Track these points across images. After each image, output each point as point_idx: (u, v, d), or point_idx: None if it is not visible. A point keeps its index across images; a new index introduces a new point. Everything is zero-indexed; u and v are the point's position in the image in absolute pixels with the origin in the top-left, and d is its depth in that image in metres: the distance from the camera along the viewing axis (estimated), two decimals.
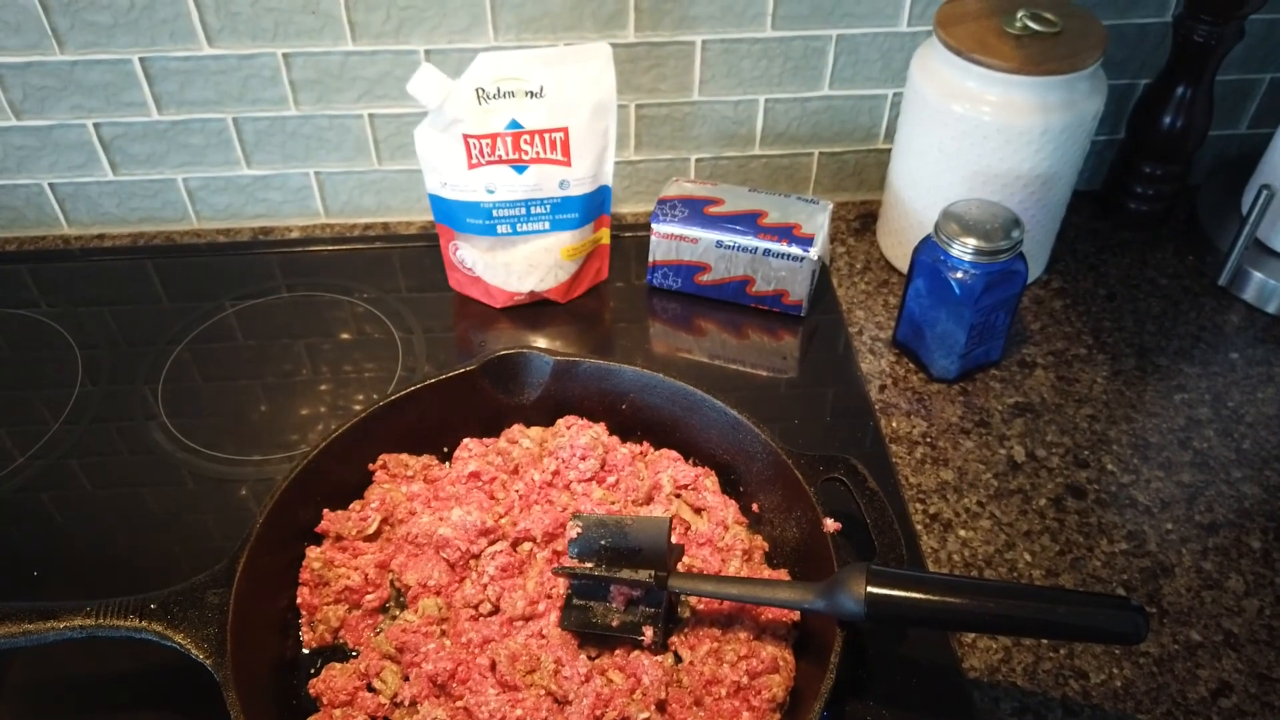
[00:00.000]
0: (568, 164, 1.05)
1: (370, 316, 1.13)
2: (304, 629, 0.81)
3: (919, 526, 0.91)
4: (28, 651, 0.80)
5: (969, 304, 0.96)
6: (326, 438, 0.85)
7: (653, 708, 0.72)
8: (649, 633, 0.77)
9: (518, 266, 1.08)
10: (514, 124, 1.02)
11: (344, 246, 1.23)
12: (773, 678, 0.75)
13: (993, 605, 0.69)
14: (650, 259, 1.12)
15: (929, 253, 0.98)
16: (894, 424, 1.00)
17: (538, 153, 1.04)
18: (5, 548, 0.90)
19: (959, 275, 0.96)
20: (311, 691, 0.75)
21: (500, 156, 1.03)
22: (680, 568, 0.83)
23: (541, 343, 1.09)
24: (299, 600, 0.81)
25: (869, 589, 0.70)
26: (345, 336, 1.11)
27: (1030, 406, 1.02)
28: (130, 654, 0.77)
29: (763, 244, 1.06)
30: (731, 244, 1.07)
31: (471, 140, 1.02)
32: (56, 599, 0.73)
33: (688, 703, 0.74)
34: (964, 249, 0.94)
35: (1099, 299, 1.14)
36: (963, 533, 0.91)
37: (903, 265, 1.15)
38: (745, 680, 0.75)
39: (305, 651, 0.80)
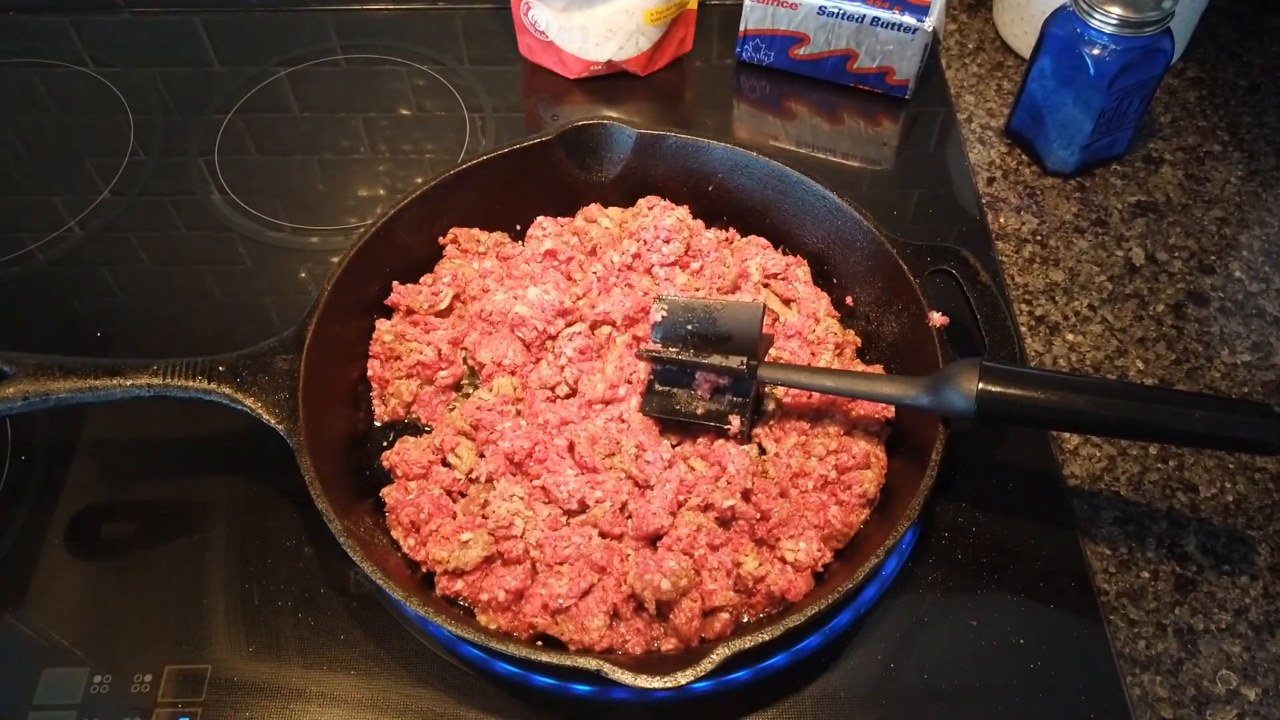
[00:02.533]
0: None
1: (432, 89, 1.05)
2: (375, 403, 0.78)
3: (1024, 328, 0.85)
4: (99, 410, 0.79)
5: (1102, 85, 0.86)
6: (395, 205, 0.79)
7: (737, 496, 0.69)
8: (736, 421, 0.73)
9: (595, 31, 0.98)
10: None
11: (403, 6, 1.13)
12: (864, 473, 0.71)
13: (1120, 407, 0.63)
14: (741, 28, 1.01)
15: (1063, 25, 0.87)
16: (1001, 220, 0.92)
17: None
18: (65, 312, 0.87)
19: (1096, 51, 0.85)
20: (385, 463, 0.73)
21: None
22: (768, 360, 0.78)
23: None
24: (370, 373, 0.78)
25: (982, 385, 0.64)
26: (405, 112, 1.04)
27: (1154, 206, 0.93)
28: (200, 418, 0.75)
29: (871, 11, 0.94)
30: (835, 10, 0.95)
31: None
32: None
33: (773, 494, 0.70)
34: (1106, 19, 0.83)
35: (1240, 91, 1.02)
36: (1071, 336, 0.84)
37: (1021, 47, 1.04)
38: (834, 475, 0.71)
39: (377, 425, 0.78)
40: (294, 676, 0.67)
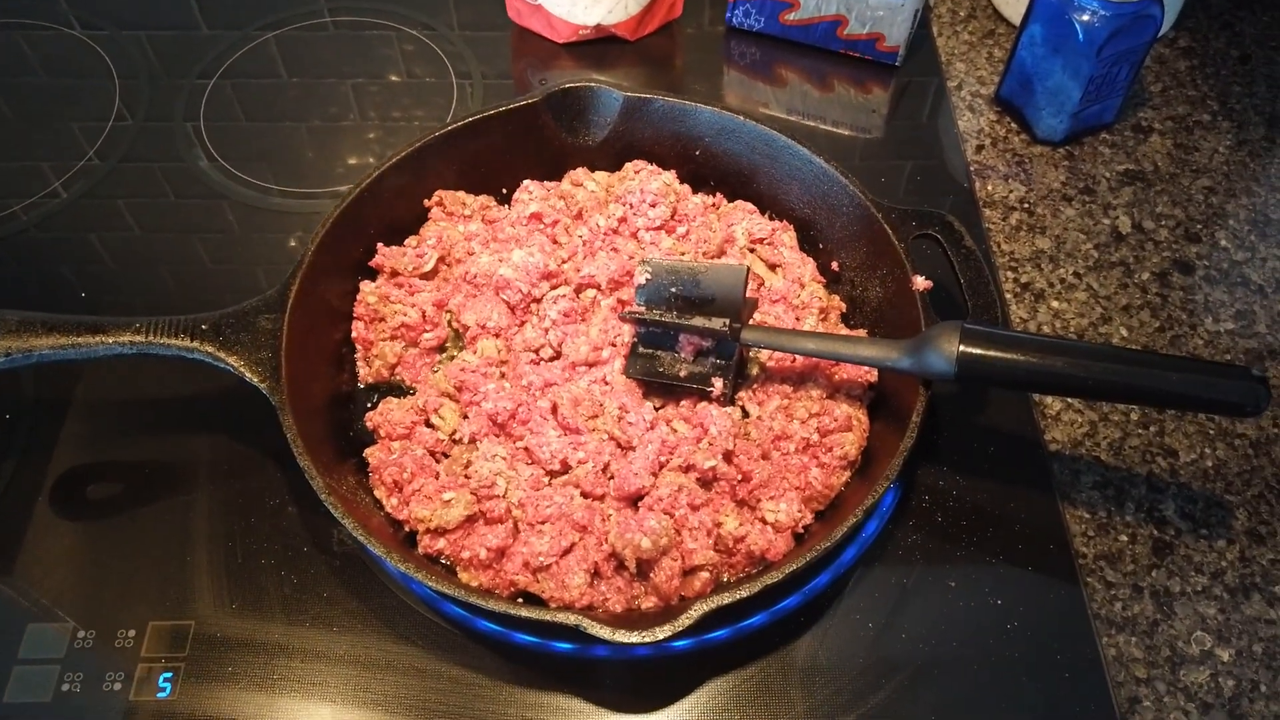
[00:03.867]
0: None
1: (421, 55, 1.04)
2: (360, 364, 0.78)
3: (1009, 295, 0.85)
4: (91, 371, 0.79)
5: (1091, 52, 0.85)
6: (380, 166, 0.79)
7: (719, 457, 0.69)
8: (719, 384, 0.73)
9: None
10: None
11: None
12: (845, 436, 0.72)
13: (1099, 369, 0.63)
14: None
15: None
16: (989, 187, 0.92)
17: None
18: (51, 276, 0.87)
19: (1085, 17, 0.84)
20: (368, 424, 0.73)
21: None
22: (752, 323, 0.78)
23: None
24: (354, 335, 0.78)
25: (962, 347, 0.64)
26: (394, 78, 1.03)
27: (1141, 174, 0.93)
28: (184, 378, 0.76)
29: None
30: None
31: None
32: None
33: (755, 455, 0.71)
34: None
35: (1230, 61, 1.02)
36: (1056, 304, 0.84)
37: (1013, 14, 1.03)
38: (815, 437, 0.72)
39: (361, 386, 0.78)
40: (276, 633, 0.68)
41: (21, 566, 0.70)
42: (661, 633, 0.58)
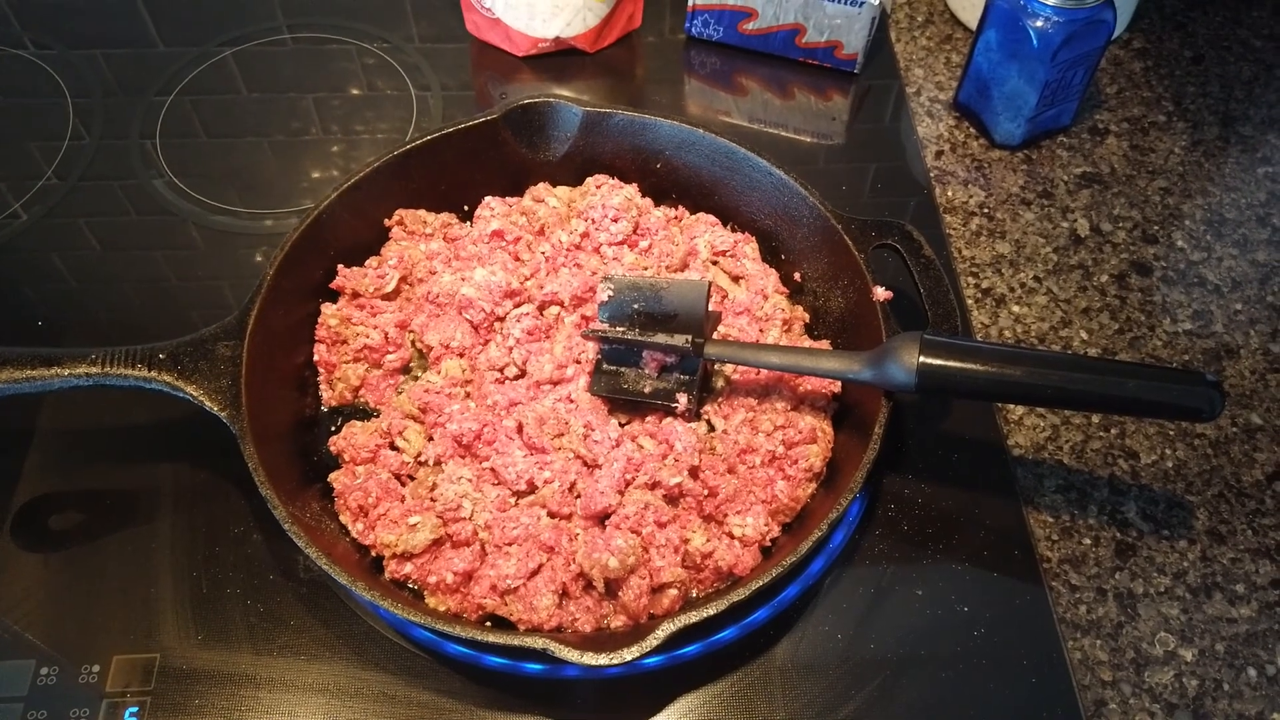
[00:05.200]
0: None
1: (381, 69, 1.03)
2: (323, 387, 0.77)
3: (970, 301, 0.86)
4: (55, 398, 0.78)
5: (1045, 57, 0.86)
6: (338, 188, 0.79)
7: (685, 473, 0.69)
8: (683, 399, 0.73)
9: (542, 7, 0.97)
10: None
11: None
12: (810, 448, 0.72)
13: (1056, 378, 0.64)
14: (690, 3, 1.00)
15: None
16: (949, 193, 0.93)
17: None
18: (14, 299, 0.86)
19: (1039, 23, 0.85)
20: (332, 448, 0.73)
21: None
22: (716, 337, 0.78)
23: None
24: (316, 358, 0.77)
25: (922, 359, 0.65)
26: (355, 92, 1.02)
27: (1099, 177, 0.94)
28: (145, 404, 0.75)
29: None
30: None
31: None
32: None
33: (721, 470, 0.71)
34: None
35: (1184, 61, 1.03)
36: (1016, 308, 0.85)
37: (969, 19, 1.04)
38: (781, 450, 0.72)
39: (325, 410, 0.77)
40: (243, 663, 0.67)
41: None
42: (629, 654, 0.58)
